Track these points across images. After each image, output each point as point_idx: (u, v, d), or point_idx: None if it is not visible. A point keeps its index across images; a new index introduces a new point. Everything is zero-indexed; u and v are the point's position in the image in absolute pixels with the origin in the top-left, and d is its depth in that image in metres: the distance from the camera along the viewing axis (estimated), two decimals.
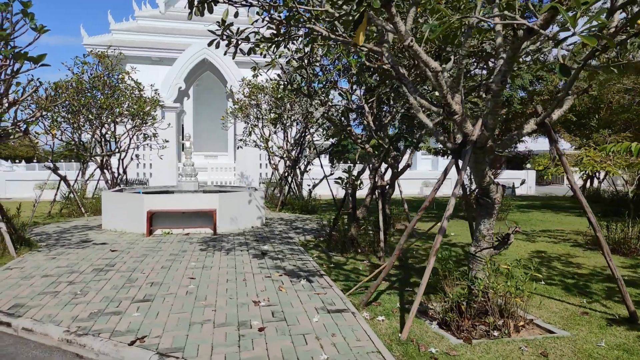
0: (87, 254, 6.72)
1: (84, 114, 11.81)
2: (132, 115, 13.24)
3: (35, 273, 5.56)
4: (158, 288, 4.94)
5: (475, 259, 4.20)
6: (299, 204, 13.07)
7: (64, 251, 6.90)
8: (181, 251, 6.98)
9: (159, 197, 8.80)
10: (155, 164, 19.29)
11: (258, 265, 6.07)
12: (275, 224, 10.26)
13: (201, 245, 7.49)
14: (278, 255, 6.74)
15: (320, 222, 10.84)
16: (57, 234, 8.66)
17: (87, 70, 12.39)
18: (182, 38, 23.49)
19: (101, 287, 4.96)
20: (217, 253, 6.86)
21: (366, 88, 7.40)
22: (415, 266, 6.41)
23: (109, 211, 9.15)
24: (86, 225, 9.89)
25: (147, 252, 6.87)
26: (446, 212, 3.72)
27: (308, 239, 8.46)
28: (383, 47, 4.09)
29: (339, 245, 7.32)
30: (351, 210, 7.38)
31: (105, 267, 5.89)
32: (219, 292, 4.78)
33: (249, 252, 6.96)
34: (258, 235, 8.65)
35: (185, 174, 10.11)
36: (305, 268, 5.95)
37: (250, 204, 9.57)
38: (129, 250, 7.05)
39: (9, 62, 5.03)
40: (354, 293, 4.86)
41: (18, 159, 35.61)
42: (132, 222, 8.71)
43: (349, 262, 6.54)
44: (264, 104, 14.48)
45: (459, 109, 3.69)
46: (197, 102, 27.49)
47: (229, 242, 7.82)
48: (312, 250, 7.33)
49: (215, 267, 5.90)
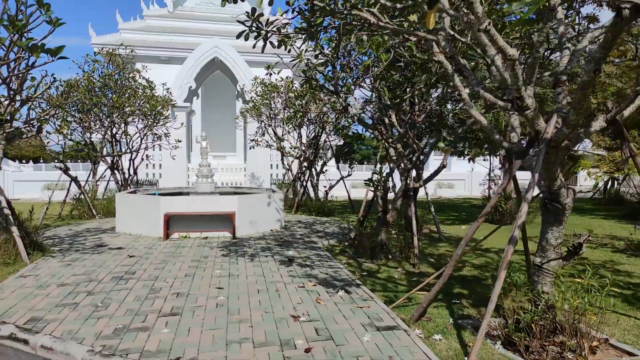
0: (103, 259, 6.35)
1: (96, 113, 11.47)
2: (144, 115, 12.91)
3: (51, 282, 5.19)
4: (185, 299, 4.55)
5: (542, 271, 3.77)
6: (315, 205, 12.67)
7: (79, 257, 6.53)
8: (202, 257, 6.59)
9: (177, 199, 8.43)
10: (164, 164, 18.96)
11: (287, 273, 5.67)
12: (294, 227, 9.86)
13: (222, 251, 7.11)
14: (306, 262, 6.34)
15: (340, 224, 10.43)
16: (69, 237, 8.30)
17: (97, 68, 12.07)
18: (190, 37, 23.21)
19: (123, 298, 4.58)
20: (241, 259, 6.47)
21: (395, 83, 7.00)
22: (453, 274, 5.98)
23: (123, 214, 8.79)
24: (99, 228, 9.54)
25: (167, 258, 6.49)
26: (518, 220, 3.30)
27: (332, 244, 8.05)
28: (439, 35, 3.69)
29: (367, 251, 6.90)
30: (380, 214, 6.97)
31: (125, 275, 5.51)
32: (252, 305, 4.38)
33: (274, 259, 6.56)
34: (279, 239, 8.26)
35: (201, 175, 9.73)
36: (339, 277, 5.54)
37: (269, 206, 9.18)
38: (147, 255, 6.67)
39: (24, 55, 4.67)
40: (399, 306, 4.45)
41: (25, 159, 35.42)
42: (148, 225, 8.34)
43: (382, 269, 6.13)
44: (278, 103, 14.11)
45: (531, 102, 3.28)
46: (205, 102, 27.17)
47: (251, 247, 7.43)
48: (339, 256, 6.92)
49: (243, 276, 5.50)
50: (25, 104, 6.15)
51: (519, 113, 3.38)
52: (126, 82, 12.25)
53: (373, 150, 47.31)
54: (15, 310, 4.23)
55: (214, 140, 27.91)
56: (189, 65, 19.45)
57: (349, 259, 6.77)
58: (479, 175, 23.16)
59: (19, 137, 6.54)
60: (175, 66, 20.84)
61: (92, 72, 11.97)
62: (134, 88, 12.60)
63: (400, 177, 6.94)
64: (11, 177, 19.00)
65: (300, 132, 14.21)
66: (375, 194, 7.43)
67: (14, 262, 6.10)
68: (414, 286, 5.28)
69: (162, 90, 14.31)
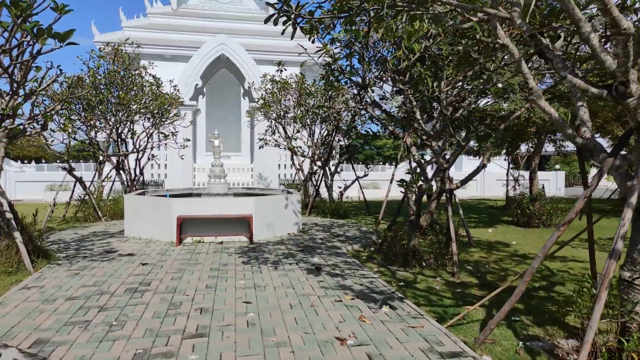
0: (114, 268, 5.81)
1: (101, 110, 10.95)
2: (152, 114, 12.39)
3: (58, 294, 4.66)
4: (210, 317, 4.02)
5: (633, 288, 3.23)
6: (329, 207, 12.13)
7: (87, 264, 6.00)
8: (221, 265, 6.06)
9: (190, 202, 7.90)
10: (170, 164, 18.46)
11: (318, 284, 5.13)
12: (312, 230, 9.32)
13: (242, 257, 6.57)
14: (335, 271, 5.80)
15: (359, 227, 9.90)
16: (75, 242, 7.78)
17: (102, 64, 11.56)
18: (194, 35, 22.76)
19: (140, 315, 4.05)
20: (264, 267, 5.93)
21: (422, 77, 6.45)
22: (498, 284, 5.43)
23: (132, 217, 8.26)
24: (106, 231, 9.02)
25: (183, 266, 5.95)
26: (620, 230, 2.75)
27: (357, 249, 7.52)
28: (514, 12, 3.16)
29: (399, 257, 6.36)
30: (413, 217, 6.43)
31: (140, 286, 4.98)
32: (287, 324, 3.85)
33: (300, 266, 6.02)
34: (299, 244, 7.72)
35: (214, 175, 9.20)
36: (376, 288, 5.00)
37: (287, 209, 8.65)
38: (161, 263, 6.14)
39: (29, 41, 4.14)
40: (454, 325, 3.92)
41: (27, 159, 34.96)
42: (159, 229, 7.81)
43: (419, 279, 5.60)
44: (289, 101, 13.59)
45: (636, 88, 2.74)
46: (209, 101, 26.67)
47: (272, 253, 6.90)
48: (368, 264, 6.39)
49: (270, 287, 4.97)
50: (29, 98, 5.62)
51: (616, 102, 2.84)
52: (132, 78, 11.73)
53: (376, 151, 46.70)
54: (18, 329, 3.71)
55: None
56: (195, 63, 18.95)
57: (379, 267, 6.24)
58: (491, 176, 22.60)
59: (22, 135, 6.02)
60: (179, 64, 20.32)
61: (97, 68, 11.47)
62: (141, 85, 12.09)
63: (434, 177, 6.40)
64: (13, 178, 18.51)
65: (311, 131, 13.70)
66: (406, 196, 6.90)
67: (16, 270, 5.58)
68: (459, 299, 4.75)
69: (169, 87, 13.80)
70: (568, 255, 7.17)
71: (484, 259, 6.91)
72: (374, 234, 8.95)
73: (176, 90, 13.57)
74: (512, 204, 10.59)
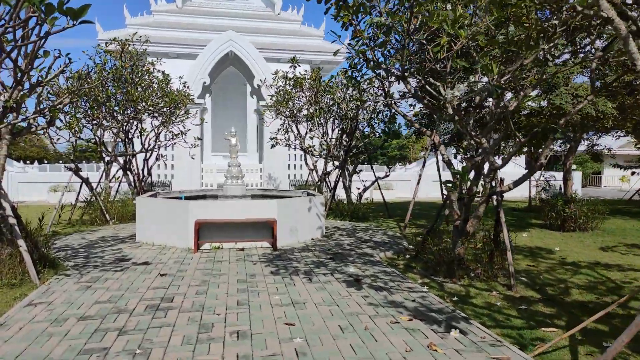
0: (130, 280, 5.20)
1: (109, 107, 10.35)
2: (161, 112, 11.81)
3: (69, 313, 4.05)
4: (250, 342, 3.40)
5: None
6: (347, 209, 11.51)
7: (99, 275, 5.39)
8: (248, 276, 5.44)
9: (209, 204, 7.29)
10: (177, 164, 17.87)
11: (364, 299, 4.51)
12: (335, 234, 8.70)
13: (268, 266, 5.95)
14: (377, 283, 5.18)
15: (384, 231, 9.28)
16: (84, 248, 7.17)
17: (109, 60, 10.97)
18: (200, 33, 22.30)
19: (167, 340, 3.43)
20: (296, 279, 5.31)
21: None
22: (563, 299, 4.81)
23: (145, 220, 7.65)
24: (116, 236, 8.41)
25: (206, 277, 5.34)
26: None
27: (390, 256, 6.91)
28: None
29: (443, 266, 5.74)
30: (458, 223, 5.81)
31: (162, 302, 4.37)
32: (344, 352, 3.23)
33: (335, 277, 5.40)
34: (327, 250, 7.11)
35: (230, 176, 8.58)
36: (431, 305, 4.38)
37: (310, 212, 8.03)
38: (181, 274, 5.52)
39: (37, 19, 3.53)
40: (542, 354, 3.30)
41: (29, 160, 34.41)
42: (174, 234, 7.20)
43: (472, 292, 4.98)
44: (302, 98, 12.99)
45: None
46: (214, 100, 26.11)
47: (300, 262, 6.28)
48: (409, 274, 5.77)
49: (310, 304, 4.35)
50: (34, 89, 5.02)
51: None
52: (140, 73, 11.13)
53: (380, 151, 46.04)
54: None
55: (223, 140, 26.84)
56: (203, 60, 18.37)
57: (422, 277, 5.62)
58: (507, 176, 21.93)
59: (27, 131, 5.42)
60: (185, 63, 19.72)
61: (104, 64, 10.88)
62: (150, 81, 11.50)
63: (483, 178, 5.78)
64: (15, 179, 17.94)
65: (326, 129, 13.09)
66: (449, 198, 6.27)
67: (20, 283, 4.97)
68: (528, 318, 4.13)
69: (178, 84, 13.20)
70: (623, 264, 6.54)
71: (533, 268, 6.28)
72: (403, 239, 8.33)
73: (186, 87, 12.99)
74: (544, 207, 9.96)
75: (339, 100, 11.85)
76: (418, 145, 47.08)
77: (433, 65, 5.86)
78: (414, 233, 9.34)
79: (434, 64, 5.81)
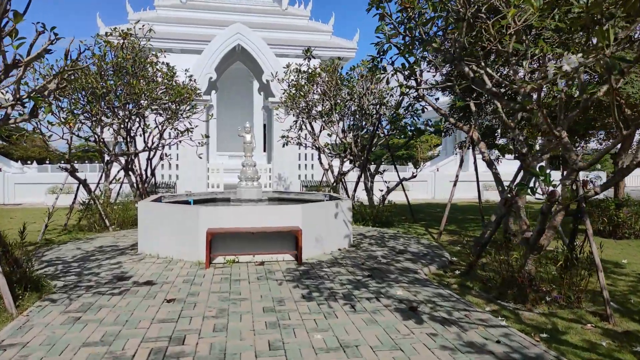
0: (129, 308, 4.19)
1: (109, 101, 9.37)
2: (165, 106, 10.83)
3: None
4: None
5: None
6: (369, 213, 10.47)
7: (92, 301, 4.38)
8: (276, 302, 4.41)
9: (222, 211, 6.27)
10: (182, 164, 16.89)
11: (433, 340, 3.47)
12: (363, 243, 7.67)
13: (297, 287, 4.93)
14: (439, 313, 4.14)
15: (417, 239, 8.24)
16: (77, 262, 6.17)
17: (109, 52, 10.00)
18: (205, 29, 21.45)
19: None
20: (336, 306, 4.28)
21: None
22: None
23: (148, 229, 6.65)
24: (115, 245, 7.41)
25: (224, 304, 4.31)
26: None
27: (436, 272, 5.88)
28: None
29: (511, 288, 4.70)
30: (530, 235, 4.77)
31: (170, 344, 3.34)
32: None
33: (383, 303, 4.37)
34: (360, 264, 6.08)
35: (245, 177, 7.56)
36: (520, 347, 3.34)
37: (337, 219, 7.01)
38: (192, 298, 4.50)
39: None
40: None
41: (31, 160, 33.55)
42: (182, 245, 6.20)
43: (560, 325, 3.94)
44: (317, 94, 11.99)
45: None
46: (219, 99, 25.16)
47: (333, 280, 5.24)
48: (468, 296, 4.74)
49: (364, 348, 3.31)
50: (10, 71, 4.02)
51: None
52: (143, 64, 10.16)
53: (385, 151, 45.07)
54: None
55: (228, 139, 25.88)
56: (209, 54, 17.37)
57: (487, 302, 4.59)
58: None
59: (4, 122, 4.41)
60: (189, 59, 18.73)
61: (104, 55, 9.91)
62: (153, 73, 10.52)
63: (561, 180, 4.74)
64: (12, 180, 16.98)
65: (343, 126, 12.08)
66: (515, 205, 5.24)
67: None
68: None
69: (184, 77, 12.21)
70: None
71: (611, 287, 5.23)
72: (442, 250, 7.30)
73: (192, 81, 11.99)
74: (593, 211, 8.89)
75: (360, 93, 10.84)
76: (425, 145, 46.02)
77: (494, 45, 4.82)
78: (449, 241, 8.31)
79: (495, 44, 4.77)
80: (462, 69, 4.89)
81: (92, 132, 10.01)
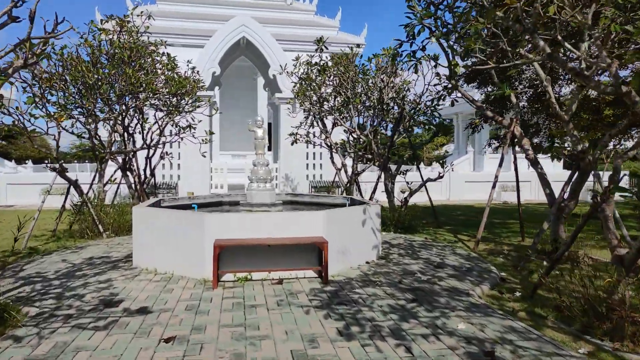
0: (115, 351, 3.18)
1: (104, 92, 8.39)
2: (165, 99, 9.86)
3: None
4: None
5: None
6: (391, 218, 9.46)
7: (66, 341, 3.37)
8: (307, 341, 3.40)
9: (231, 218, 5.26)
10: (184, 164, 15.90)
11: None
12: (392, 254, 6.65)
13: (328, 317, 3.91)
14: (522, 358, 3.13)
15: (452, 249, 7.23)
16: (59, 279, 5.17)
17: (104, 42, 9.06)
18: (207, 23, 20.55)
19: None
20: (385, 347, 3.27)
21: None
22: None
23: (144, 239, 5.65)
24: (107, 256, 6.41)
25: (240, 345, 3.31)
26: None
27: (489, 293, 4.88)
28: None
29: (602, 319, 3.70)
30: (626, 253, 3.76)
31: None
32: None
33: (446, 344, 3.36)
34: (397, 283, 5.06)
35: (256, 178, 6.55)
36: None
37: (364, 227, 6.00)
38: (198, 336, 3.49)
39: None
40: None
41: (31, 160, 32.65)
42: (184, 258, 5.20)
43: None
44: (329, 88, 11.04)
45: None
46: (222, 97, 24.21)
47: (371, 307, 4.23)
48: (546, 330, 3.73)
49: None
50: None
51: None
52: (142, 52, 9.19)
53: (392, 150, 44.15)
54: None
55: (231, 138, 24.92)
56: (212, 47, 16.40)
57: (572, 338, 3.58)
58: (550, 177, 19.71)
59: None
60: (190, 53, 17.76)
61: (99, 43, 8.96)
62: (153, 64, 9.56)
63: None
64: (4, 180, 16.04)
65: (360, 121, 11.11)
66: (603, 214, 4.24)
67: None
68: None
69: (186, 69, 11.22)
70: None
71: None
72: (485, 262, 6.29)
73: (195, 73, 11.00)
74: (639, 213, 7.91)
75: (380, 85, 9.84)
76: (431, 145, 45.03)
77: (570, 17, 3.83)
78: (487, 251, 7.30)
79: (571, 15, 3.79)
80: (536, 42, 3.88)
81: (85, 128, 9.02)
